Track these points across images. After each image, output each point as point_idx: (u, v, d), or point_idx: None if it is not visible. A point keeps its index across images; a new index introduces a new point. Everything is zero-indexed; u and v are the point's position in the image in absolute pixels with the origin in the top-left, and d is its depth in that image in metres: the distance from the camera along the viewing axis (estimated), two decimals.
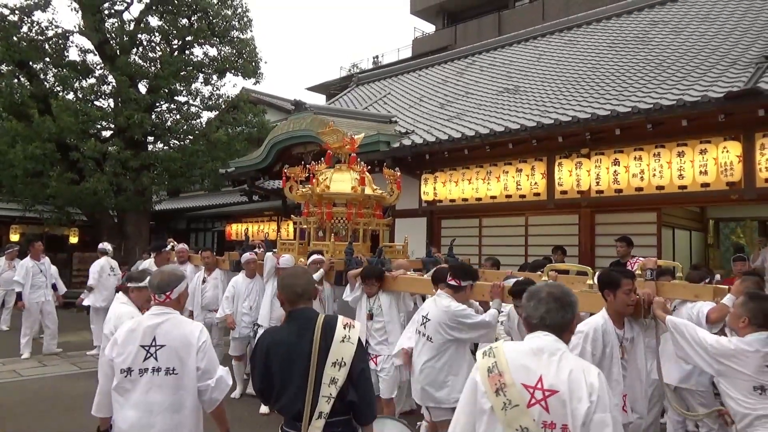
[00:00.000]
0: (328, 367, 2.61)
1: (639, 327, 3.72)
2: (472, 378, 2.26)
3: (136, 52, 15.87)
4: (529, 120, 8.66)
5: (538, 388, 2.11)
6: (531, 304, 2.31)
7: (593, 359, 3.46)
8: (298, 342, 2.67)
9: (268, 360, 2.70)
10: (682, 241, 10.42)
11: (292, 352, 2.67)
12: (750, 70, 7.37)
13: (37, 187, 14.86)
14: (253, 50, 16.64)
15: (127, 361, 2.94)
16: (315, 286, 2.95)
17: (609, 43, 12.15)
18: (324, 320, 2.73)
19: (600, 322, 3.51)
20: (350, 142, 7.13)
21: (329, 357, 2.63)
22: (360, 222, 6.93)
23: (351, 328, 2.73)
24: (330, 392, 2.58)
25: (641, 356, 3.73)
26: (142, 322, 3.08)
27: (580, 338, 3.49)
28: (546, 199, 8.87)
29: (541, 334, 2.25)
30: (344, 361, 2.63)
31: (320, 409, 2.57)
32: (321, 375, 2.60)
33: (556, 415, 2.08)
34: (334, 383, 2.59)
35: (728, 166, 6.93)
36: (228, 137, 16.24)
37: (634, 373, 3.66)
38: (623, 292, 3.53)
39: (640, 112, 7.19)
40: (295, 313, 2.79)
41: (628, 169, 7.74)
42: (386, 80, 17.60)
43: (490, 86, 12.68)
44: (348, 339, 2.68)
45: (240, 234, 18.62)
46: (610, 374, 3.51)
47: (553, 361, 2.17)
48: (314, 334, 2.66)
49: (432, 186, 10.22)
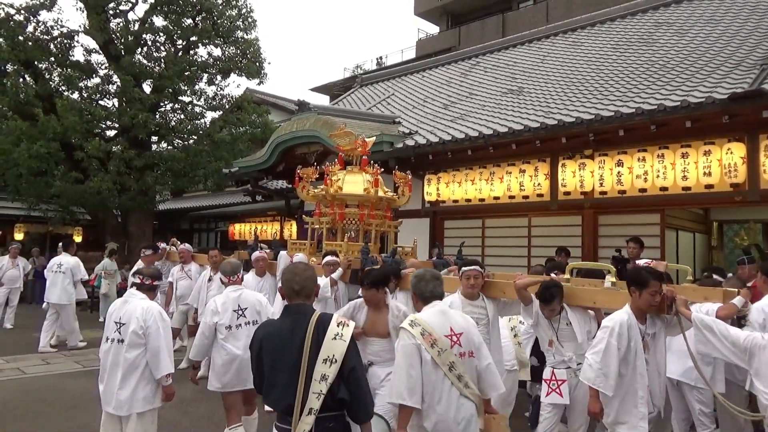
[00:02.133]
0: (319, 363, 2.62)
1: (661, 323, 3.83)
2: (411, 343, 3.21)
3: (140, 52, 15.91)
4: (532, 121, 8.65)
5: (453, 334, 3.23)
6: (422, 284, 3.46)
7: (618, 353, 3.62)
8: (290, 336, 2.70)
9: (261, 352, 2.76)
10: (686, 243, 10.39)
11: (284, 346, 2.70)
12: (755, 71, 7.36)
13: (42, 186, 14.89)
14: (257, 51, 16.67)
15: (227, 321, 4.64)
16: (315, 283, 2.92)
17: (613, 44, 12.14)
18: (318, 317, 2.74)
19: (625, 317, 3.67)
20: (362, 145, 7.15)
21: (320, 353, 2.63)
22: (372, 223, 6.95)
23: (345, 326, 2.74)
24: (320, 389, 2.59)
25: (661, 351, 3.87)
26: (228, 295, 4.73)
27: (606, 333, 3.66)
28: (549, 200, 8.86)
29: (437, 302, 3.44)
30: (335, 357, 2.63)
31: (310, 405, 2.59)
32: (312, 371, 2.61)
33: (466, 346, 3.28)
34: (325, 380, 2.60)
35: (732, 167, 6.91)
36: (232, 137, 16.27)
37: (654, 368, 3.80)
38: (649, 293, 3.66)
39: (644, 114, 7.17)
40: (290, 308, 2.83)
41: (632, 170, 7.72)
42: (390, 81, 17.61)
43: (493, 87, 12.68)
44: (340, 336, 2.69)
45: (243, 234, 18.66)
46: (635, 368, 3.66)
47: (450, 314, 3.42)
48: (307, 329, 2.68)
49: (435, 186, 10.22)
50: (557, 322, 4.30)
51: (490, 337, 4.64)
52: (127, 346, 4.07)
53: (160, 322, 4.15)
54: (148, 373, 4.10)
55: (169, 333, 4.28)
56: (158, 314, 4.17)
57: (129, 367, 4.05)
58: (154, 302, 4.30)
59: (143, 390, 4.08)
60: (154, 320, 4.10)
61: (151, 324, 4.08)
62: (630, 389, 3.65)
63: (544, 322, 4.37)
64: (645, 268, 4.06)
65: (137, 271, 4.65)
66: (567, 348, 4.29)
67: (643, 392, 3.67)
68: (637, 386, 3.65)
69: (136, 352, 4.06)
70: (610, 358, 3.59)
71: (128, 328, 4.08)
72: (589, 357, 3.72)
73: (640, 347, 3.65)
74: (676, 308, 3.68)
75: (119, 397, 4.05)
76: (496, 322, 4.74)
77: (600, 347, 3.64)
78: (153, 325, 4.08)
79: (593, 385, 3.66)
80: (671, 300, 3.70)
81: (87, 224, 18.38)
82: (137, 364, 4.07)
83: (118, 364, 4.08)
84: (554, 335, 4.31)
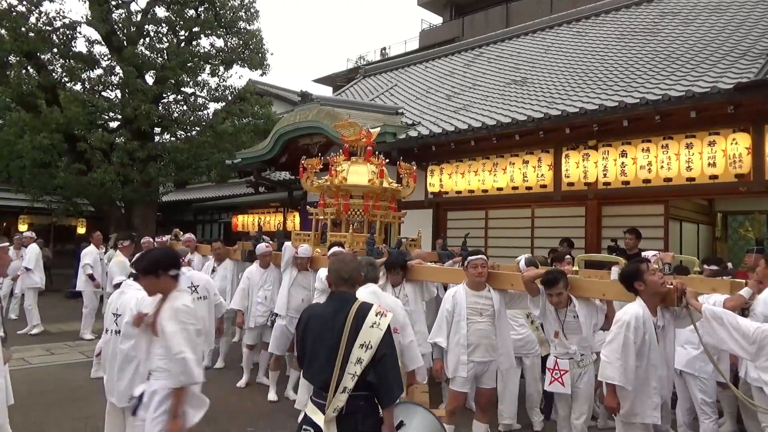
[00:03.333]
0: (356, 347, 2.87)
1: (670, 315, 3.82)
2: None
3: (143, 43, 15.84)
4: (536, 111, 8.62)
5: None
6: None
7: (634, 347, 3.60)
8: (333, 319, 2.96)
9: (305, 330, 3.05)
10: (690, 235, 10.36)
11: (326, 327, 2.96)
12: (760, 61, 7.31)
13: (45, 178, 14.89)
14: (260, 41, 16.59)
15: None
16: (360, 273, 3.32)
17: (617, 34, 12.06)
18: (359, 305, 2.99)
19: (640, 311, 3.66)
20: (367, 135, 7.12)
21: (358, 339, 2.88)
22: (377, 214, 6.94)
23: (383, 316, 2.97)
24: (355, 370, 2.84)
25: (670, 343, 3.87)
26: None
27: (622, 327, 3.63)
28: (553, 191, 8.84)
29: (370, 284, 4.28)
30: (371, 344, 2.87)
31: (345, 384, 2.84)
32: (349, 354, 2.86)
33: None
34: (360, 363, 2.85)
35: (737, 158, 6.88)
36: (234, 129, 16.23)
37: (663, 359, 3.78)
38: (650, 275, 3.68)
39: (649, 104, 7.13)
40: (336, 294, 3.13)
41: (636, 161, 7.69)
42: (393, 72, 17.55)
43: (497, 78, 12.62)
44: (377, 325, 2.91)
45: (246, 225, 18.68)
46: (649, 360, 3.67)
47: (381, 295, 4.30)
48: (348, 315, 2.93)
49: (438, 178, 10.20)
50: (564, 314, 4.28)
51: (496, 328, 4.65)
52: (122, 338, 4.08)
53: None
54: None
55: None
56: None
57: (125, 358, 4.05)
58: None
59: (141, 380, 4.07)
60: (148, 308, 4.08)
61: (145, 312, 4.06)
62: (644, 381, 3.65)
63: (551, 314, 4.36)
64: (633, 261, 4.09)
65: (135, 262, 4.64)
66: (572, 341, 4.28)
67: (656, 383, 3.68)
68: (650, 377, 3.66)
69: (130, 343, 4.04)
70: (628, 352, 3.58)
71: (123, 320, 4.08)
72: (607, 354, 3.65)
73: (654, 339, 3.65)
74: (686, 300, 3.66)
75: (119, 388, 4.08)
76: (502, 314, 4.74)
77: (617, 343, 3.61)
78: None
79: (613, 382, 3.60)
80: (681, 292, 3.69)
81: (91, 216, 18.41)
82: (134, 355, 4.03)
83: (116, 355, 4.11)
84: (560, 327, 4.30)
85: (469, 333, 4.57)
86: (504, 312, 4.80)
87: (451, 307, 4.66)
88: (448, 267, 5.87)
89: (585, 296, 4.34)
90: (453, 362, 4.58)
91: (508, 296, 4.83)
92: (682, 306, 3.71)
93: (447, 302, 4.72)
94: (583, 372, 4.31)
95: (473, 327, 4.58)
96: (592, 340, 4.44)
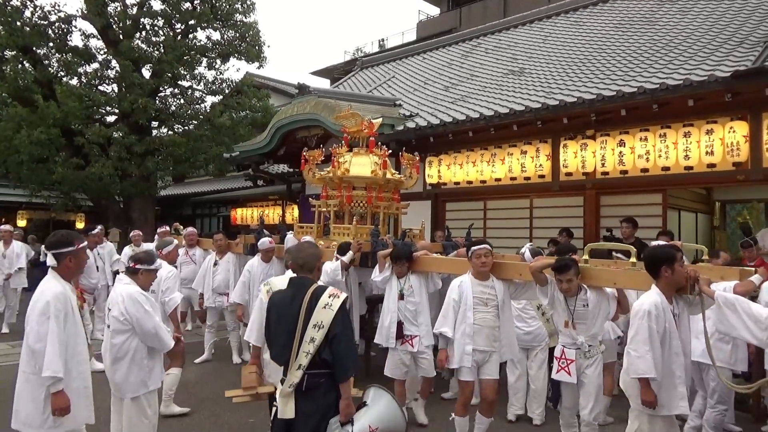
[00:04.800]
0: (310, 327, 3.13)
1: (684, 303, 3.78)
2: (260, 297, 4.38)
3: (139, 37, 15.79)
4: (534, 101, 8.60)
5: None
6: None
7: (658, 336, 3.53)
8: (291, 304, 3.22)
9: (269, 315, 3.35)
10: (688, 223, 10.38)
11: (285, 311, 3.24)
12: (758, 49, 7.30)
13: (43, 173, 14.87)
14: (257, 34, 16.54)
15: None
16: (317, 260, 3.46)
17: (615, 23, 12.02)
18: (314, 289, 3.24)
19: (657, 299, 3.59)
20: (369, 126, 7.08)
21: (312, 319, 3.13)
22: (380, 206, 6.91)
23: (335, 297, 3.20)
24: (308, 349, 3.11)
25: (685, 331, 3.80)
26: None
27: (644, 318, 3.54)
28: (551, 181, 8.84)
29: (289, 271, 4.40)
30: (323, 324, 3.12)
31: (299, 362, 3.12)
32: (304, 333, 3.12)
33: None
34: (313, 342, 3.11)
35: (735, 146, 6.88)
36: (232, 122, 16.21)
37: (679, 348, 3.71)
38: (679, 265, 3.62)
39: (646, 93, 7.12)
40: (293, 280, 3.40)
41: (634, 150, 7.69)
42: (390, 64, 17.49)
43: (495, 68, 12.59)
44: (329, 306, 3.15)
45: (245, 219, 18.68)
46: (671, 348, 3.60)
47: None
48: (304, 298, 3.18)
49: (436, 169, 10.20)
50: (574, 303, 4.25)
51: (499, 319, 4.64)
52: (111, 332, 4.08)
53: (144, 304, 4.08)
54: (138, 357, 4.07)
55: (157, 311, 4.28)
56: (138, 296, 4.09)
57: (117, 352, 4.03)
58: (134, 286, 4.21)
59: (135, 375, 4.06)
60: (133, 303, 4.03)
61: (130, 307, 4.02)
62: (668, 371, 3.56)
63: (560, 303, 4.33)
64: (663, 245, 4.02)
65: (132, 256, 4.62)
66: (580, 330, 4.24)
67: (681, 372, 3.59)
68: (674, 367, 3.57)
69: (120, 338, 4.04)
70: (654, 342, 3.50)
71: (112, 314, 4.09)
72: (635, 348, 3.53)
73: (674, 327, 3.59)
74: (699, 288, 3.63)
75: (114, 380, 4.10)
76: (506, 304, 4.73)
77: (643, 335, 3.50)
78: (132, 309, 4.02)
79: (648, 375, 3.48)
80: (694, 280, 3.65)
81: (89, 210, 18.40)
82: (126, 349, 4.03)
83: (107, 349, 4.11)
84: (570, 316, 4.27)
85: (474, 322, 4.57)
86: (508, 302, 4.80)
87: (458, 296, 4.65)
88: (452, 258, 5.87)
89: (596, 285, 4.30)
90: (459, 352, 4.57)
91: (514, 286, 4.83)
92: (695, 293, 3.66)
93: (453, 292, 4.70)
94: (591, 363, 4.27)
95: (478, 316, 4.58)
96: (600, 329, 4.40)
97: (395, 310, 5.39)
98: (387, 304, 5.52)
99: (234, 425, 5.49)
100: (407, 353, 5.35)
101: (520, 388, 5.57)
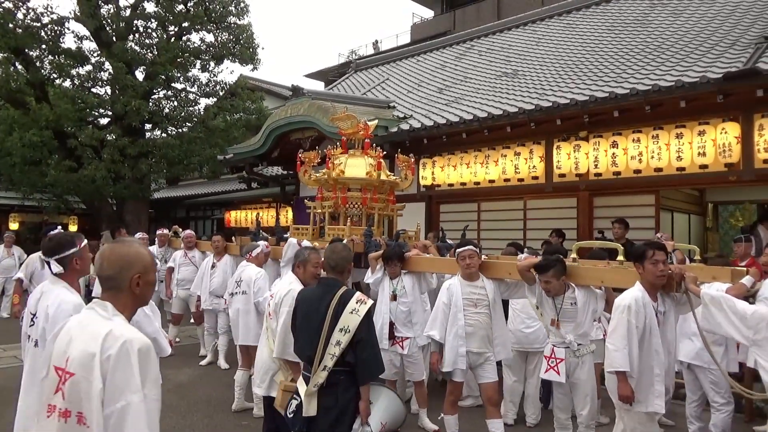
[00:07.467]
0: (336, 331, 3.19)
1: (671, 301, 3.79)
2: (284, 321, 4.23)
3: (132, 39, 15.72)
4: (527, 103, 8.62)
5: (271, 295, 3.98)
6: None
7: (637, 331, 3.55)
8: (318, 303, 3.30)
9: (296, 310, 3.47)
10: (681, 225, 10.42)
11: (312, 309, 3.33)
12: (749, 50, 7.34)
13: (36, 175, 14.77)
14: (251, 36, 16.49)
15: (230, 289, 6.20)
16: (349, 263, 3.52)
17: (608, 26, 12.07)
18: (342, 291, 3.31)
19: (639, 294, 3.61)
20: (364, 128, 7.09)
21: (339, 323, 3.20)
22: (375, 207, 6.91)
23: (363, 303, 3.26)
24: (334, 351, 3.18)
25: (671, 330, 3.83)
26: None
27: (623, 312, 3.58)
28: (544, 182, 8.86)
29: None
30: (349, 328, 3.19)
31: (325, 363, 3.20)
32: (330, 336, 3.19)
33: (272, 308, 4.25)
34: (338, 345, 3.18)
35: (727, 147, 6.91)
36: (226, 124, 16.16)
37: (665, 346, 3.74)
38: (650, 262, 3.63)
39: (639, 94, 7.15)
40: (323, 280, 3.50)
41: (627, 151, 7.72)
42: (385, 66, 17.50)
43: (488, 70, 12.62)
44: (356, 312, 3.22)
45: (240, 221, 18.64)
46: (650, 345, 3.61)
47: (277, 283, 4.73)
48: (332, 301, 3.25)
49: (430, 170, 10.20)
50: (561, 302, 4.26)
51: (491, 319, 4.64)
52: None
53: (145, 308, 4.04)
54: None
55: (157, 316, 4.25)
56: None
57: None
58: None
59: None
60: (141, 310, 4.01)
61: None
62: (646, 367, 3.59)
63: (547, 302, 4.34)
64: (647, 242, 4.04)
65: None
66: (565, 329, 4.25)
67: (660, 370, 3.60)
68: (653, 364, 3.59)
69: None
70: (631, 337, 3.53)
71: None
72: (614, 341, 3.58)
73: (655, 324, 3.60)
74: (685, 286, 3.65)
75: None
76: (497, 304, 4.74)
77: (622, 329, 3.55)
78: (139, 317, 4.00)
79: (622, 369, 3.52)
80: (680, 278, 3.67)
81: (82, 213, 18.33)
82: None
83: None
84: (556, 315, 4.28)
85: (465, 324, 4.57)
86: (499, 302, 4.80)
87: (447, 299, 4.66)
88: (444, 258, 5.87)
89: (583, 284, 4.33)
90: (452, 355, 4.55)
91: (505, 285, 4.84)
92: (682, 292, 3.68)
93: (443, 295, 4.71)
94: (581, 362, 4.28)
95: (469, 318, 4.58)
96: (589, 328, 4.41)
97: (387, 311, 5.40)
98: (379, 306, 5.53)
99: (227, 427, 5.46)
100: (397, 355, 5.35)
101: (517, 392, 5.56)
